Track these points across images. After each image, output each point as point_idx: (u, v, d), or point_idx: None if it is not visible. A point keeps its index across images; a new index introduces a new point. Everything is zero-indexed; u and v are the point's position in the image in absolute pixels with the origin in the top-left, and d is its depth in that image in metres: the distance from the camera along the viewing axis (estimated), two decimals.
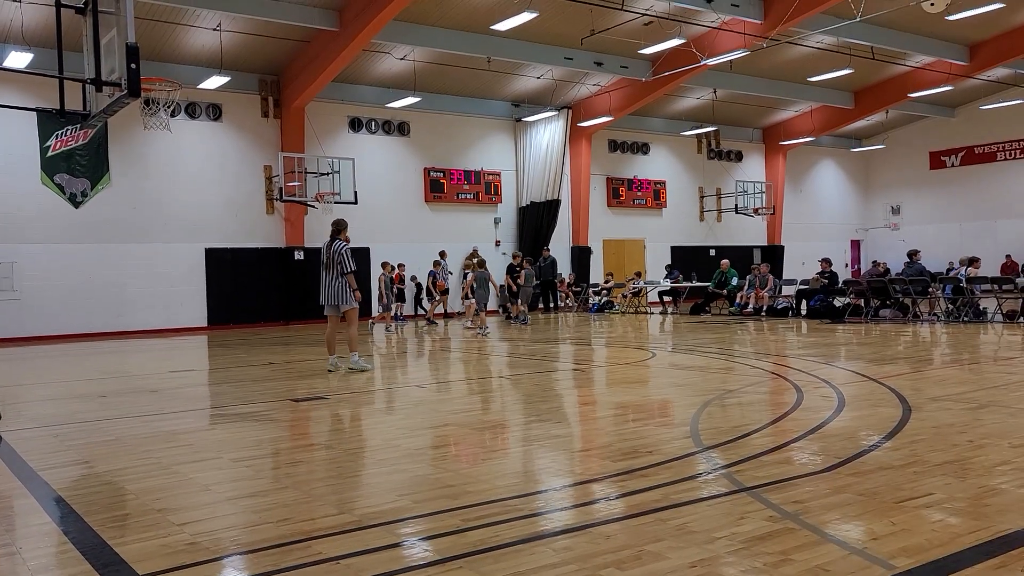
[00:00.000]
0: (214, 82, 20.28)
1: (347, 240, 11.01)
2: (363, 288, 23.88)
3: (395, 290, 21.49)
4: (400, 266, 21.87)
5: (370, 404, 8.65)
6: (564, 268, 26.79)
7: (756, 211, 31.00)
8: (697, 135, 30.69)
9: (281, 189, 21.50)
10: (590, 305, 25.47)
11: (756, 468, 5.04)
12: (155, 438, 6.70)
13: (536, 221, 26.14)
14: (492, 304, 21.68)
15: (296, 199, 21.59)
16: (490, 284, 17.87)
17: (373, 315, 20.20)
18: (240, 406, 8.37)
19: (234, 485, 5.15)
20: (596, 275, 27.62)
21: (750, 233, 32.29)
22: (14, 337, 18.75)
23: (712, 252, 30.42)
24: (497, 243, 26.26)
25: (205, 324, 21.48)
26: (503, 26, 19.20)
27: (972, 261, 18.18)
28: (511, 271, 22.04)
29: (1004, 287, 17.23)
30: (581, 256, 27.48)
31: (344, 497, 4.75)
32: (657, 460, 5.36)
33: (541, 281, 25.48)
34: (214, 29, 19.16)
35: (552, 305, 25.54)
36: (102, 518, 4.41)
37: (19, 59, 17.33)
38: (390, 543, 3.89)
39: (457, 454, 5.99)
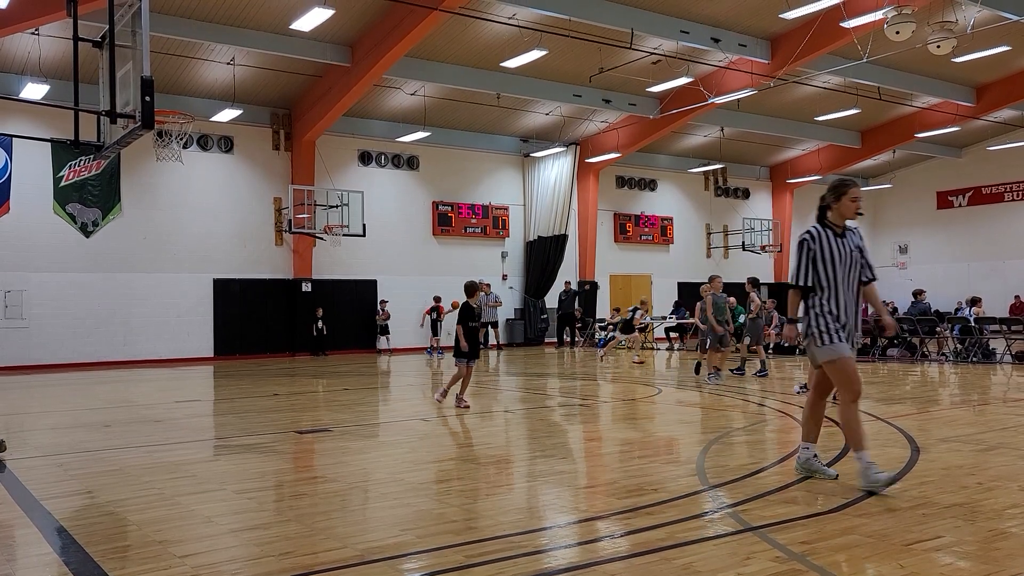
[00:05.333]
0: (227, 115, 20.53)
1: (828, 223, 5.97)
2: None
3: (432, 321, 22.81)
4: (436, 299, 22.64)
5: (374, 437, 8.61)
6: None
7: (763, 248, 31.02)
8: (704, 172, 30.83)
9: (290, 221, 21.64)
10: (596, 340, 25.41)
11: (763, 507, 4.99)
12: (158, 469, 6.68)
13: (543, 256, 26.21)
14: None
15: (305, 231, 21.72)
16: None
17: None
18: (244, 437, 8.35)
19: (237, 517, 5.12)
20: (603, 310, 27.59)
21: (757, 271, 32.20)
22: (22, 365, 18.78)
23: None
24: (504, 277, 26.31)
25: (212, 354, 21.48)
26: (512, 63, 19.40)
27: (975, 302, 18.16)
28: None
29: (1013, 328, 17.15)
30: (588, 291, 27.49)
31: (347, 531, 4.72)
32: (663, 498, 5.31)
33: (560, 314, 25.56)
34: (228, 63, 19.43)
35: (570, 340, 25.52)
36: (103, 549, 4.39)
37: (36, 91, 17.60)
38: None
39: (461, 489, 5.95)
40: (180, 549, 4.36)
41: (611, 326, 25.59)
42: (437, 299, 22.81)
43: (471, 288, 10.56)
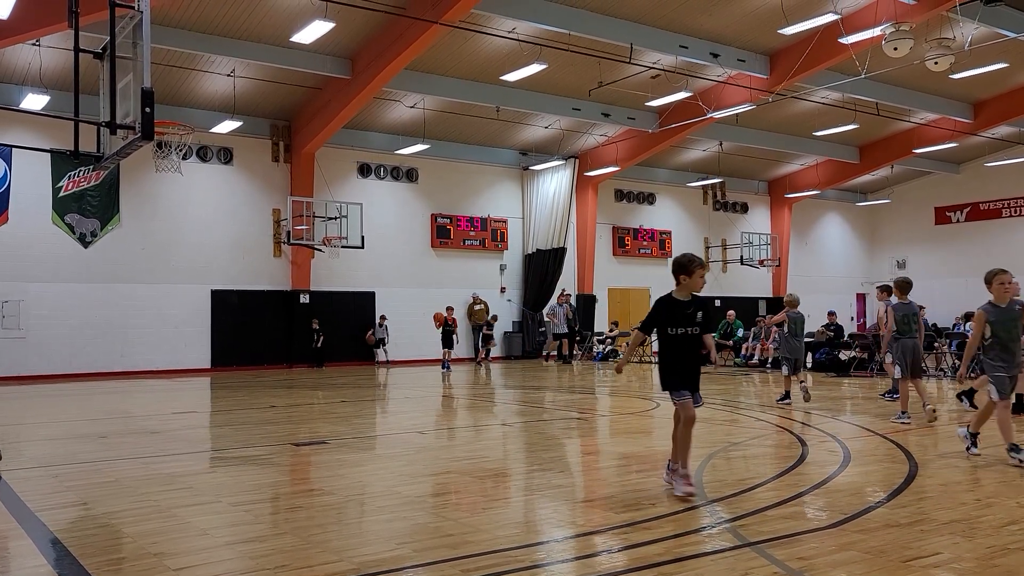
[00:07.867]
0: (226, 126, 20.58)
1: None
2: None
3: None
4: (449, 309, 21.40)
5: (371, 450, 8.59)
6: None
7: (761, 263, 31.06)
8: (703, 186, 30.90)
9: (289, 232, 21.65)
10: (594, 354, 25.39)
11: (761, 523, 4.98)
12: (154, 480, 6.66)
13: (542, 268, 26.23)
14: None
15: (303, 243, 21.73)
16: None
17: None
18: (241, 449, 8.32)
19: (232, 530, 5.10)
20: (601, 324, 27.58)
21: (755, 285, 32.29)
22: (19, 376, 18.72)
23: (717, 303, 30.37)
24: (503, 290, 26.31)
25: (209, 366, 21.43)
26: (512, 76, 19.47)
27: (968, 317, 18.21)
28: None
29: None
30: (586, 304, 27.48)
31: (343, 544, 4.70)
32: (660, 512, 5.29)
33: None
34: (228, 75, 19.48)
35: (569, 353, 25.40)
36: (98, 561, 4.37)
37: (36, 101, 17.64)
38: None
39: (458, 502, 5.93)
40: (175, 562, 4.33)
41: (609, 339, 25.60)
42: (450, 309, 21.64)
43: (683, 266, 6.00)
